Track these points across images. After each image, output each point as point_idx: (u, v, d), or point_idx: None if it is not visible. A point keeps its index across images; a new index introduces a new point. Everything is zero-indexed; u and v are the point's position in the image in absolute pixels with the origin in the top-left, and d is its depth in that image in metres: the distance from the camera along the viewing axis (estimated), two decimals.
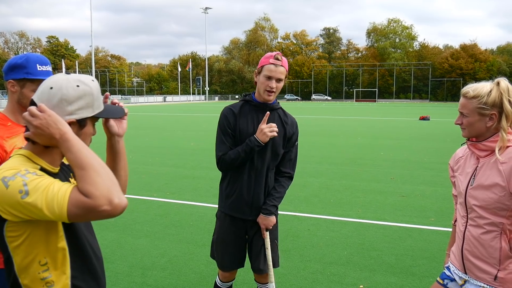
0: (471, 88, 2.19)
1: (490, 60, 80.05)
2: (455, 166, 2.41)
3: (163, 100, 78.77)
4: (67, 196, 1.38)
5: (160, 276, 4.54)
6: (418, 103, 73.35)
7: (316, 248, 5.31)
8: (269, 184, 3.07)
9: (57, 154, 1.60)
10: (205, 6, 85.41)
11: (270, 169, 3.06)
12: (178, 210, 7.01)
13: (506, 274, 2.14)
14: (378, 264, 4.80)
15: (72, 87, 1.53)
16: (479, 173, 2.19)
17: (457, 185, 2.34)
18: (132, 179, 9.47)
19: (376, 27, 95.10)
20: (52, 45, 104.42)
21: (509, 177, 2.06)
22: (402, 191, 8.27)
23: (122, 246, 5.39)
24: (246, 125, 2.98)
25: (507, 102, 2.11)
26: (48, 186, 1.39)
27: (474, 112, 2.16)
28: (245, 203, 3.04)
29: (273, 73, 2.84)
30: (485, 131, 2.17)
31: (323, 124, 25.91)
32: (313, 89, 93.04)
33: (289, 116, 3.12)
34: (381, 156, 12.66)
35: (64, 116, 1.53)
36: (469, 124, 2.19)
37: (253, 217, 3.06)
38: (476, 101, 2.14)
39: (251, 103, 3.03)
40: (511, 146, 2.12)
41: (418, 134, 19.67)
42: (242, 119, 3.00)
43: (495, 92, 2.12)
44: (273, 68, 2.84)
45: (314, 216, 6.67)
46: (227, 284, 3.31)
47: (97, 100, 1.61)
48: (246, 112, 3.02)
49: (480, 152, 2.21)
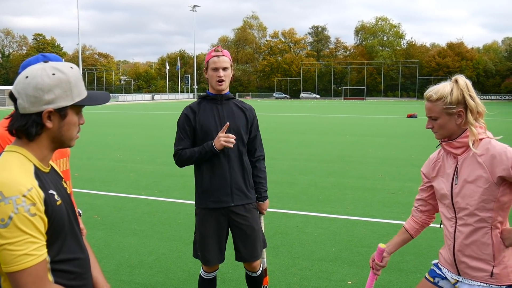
0: (433, 91, 2.21)
1: (476, 59, 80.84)
2: (433, 170, 2.40)
3: (151, 98, 78.44)
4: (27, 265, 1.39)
5: (147, 274, 4.51)
6: (405, 101, 73.80)
7: (305, 245, 5.32)
8: (245, 167, 3.22)
9: (46, 149, 1.57)
10: (193, 4, 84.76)
11: (243, 153, 3.22)
12: (166, 208, 6.97)
13: (501, 269, 2.14)
14: (366, 260, 4.81)
15: (47, 75, 1.50)
16: (461, 170, 2.20)
17: (439, 187, 2.32)
18: (120, 177, 9.42)
19: (364, 25, 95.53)
20: (38, 43, 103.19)
21: (490, 167, 2.08)
22: (390, 188, 8.31)
23: (109, 245, 5.35)
24: (207, 119, 3.14)
25: (468, 97, 2.14)
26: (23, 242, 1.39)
27: (442, 113, 2.18)
28: (225, 191, 3.14)
29: (217, 63, 3.06)
30: (457, 129, 2.19)
31: (311, 122, 25.96)
32: (301, 87, 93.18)
33: (245, 103, 3.32)
34: (369, 154, 12.72)
35: (42, 106, 1.49)
36: (440, 127, 2.22)
37: (236, 203, 3.16)
38: (441, 102, 2.17)
39: (207, 98, 3.21)
40: (484, 138, 2.15)
41: (406, 131, 19.80)
42: (202, 114, 3.16)
43: (456, 90, 2.15)
44: (216, 60, 3.07)
45: (303, 213, 6.67)
46: (212, 275, 3.36)
47: (76, 87, 1.56)
48: (204, 107, 3.18)
49: (456, 150, 2.22)
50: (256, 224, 3.24)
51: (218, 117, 3.13)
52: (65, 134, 1.59)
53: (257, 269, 3.37)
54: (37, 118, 1.50)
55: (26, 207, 1.39)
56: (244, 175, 3.20)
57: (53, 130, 1.55)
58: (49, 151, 1.59)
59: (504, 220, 2.17)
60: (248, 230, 3.19)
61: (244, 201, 3.19)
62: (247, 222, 3.19)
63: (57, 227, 1.52)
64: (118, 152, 13.17)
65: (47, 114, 1.51)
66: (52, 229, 1.49)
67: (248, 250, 3.21)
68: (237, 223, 3.19)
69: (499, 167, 2.06)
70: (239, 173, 3.17)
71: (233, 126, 3.12)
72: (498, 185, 2.09)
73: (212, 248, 3.19)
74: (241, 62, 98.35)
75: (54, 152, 1.64)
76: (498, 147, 2.10)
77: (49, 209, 1.47)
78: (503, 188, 2.10)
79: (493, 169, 2.08)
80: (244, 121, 3.20)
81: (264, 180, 3.35)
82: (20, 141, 1.54)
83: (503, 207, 2.13)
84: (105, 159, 11.81)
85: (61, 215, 1.54)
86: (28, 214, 1.40)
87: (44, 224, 1.46)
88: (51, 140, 1.57)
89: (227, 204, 3.15)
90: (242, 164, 3.19)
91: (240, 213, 3.18)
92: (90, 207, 7.00)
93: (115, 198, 7.69)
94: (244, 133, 3.19)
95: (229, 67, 3.11)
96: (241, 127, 3.16)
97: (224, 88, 3.13)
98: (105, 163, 11.16)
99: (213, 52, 3.10)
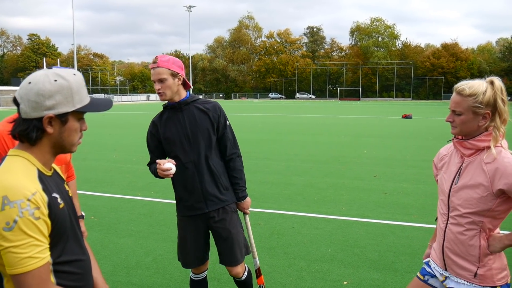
0: (467, 86, 2.14)
1: (470, 59, 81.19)
2: (439, 164, 2.42)
3: (146, 98, 78.33)
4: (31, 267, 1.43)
5: (145, 275, 4.53)
6: (400, 102, 74.05)
7: (301, 245, 5.36)
8: (215, 170, 3.12)
9: (48, 154, 1.61)
10: (188, 5, 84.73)
11: (210, 156, 3.12)
12: (162, 209, 7.00)
13: (485, 271, 2.18)
14: (361, 261, 4.86)
15: (48, 81, 1.53)
16: (463, 172, 2.20)
17: (441, 183, 2.35)
18: (116, 178, 9.43)
19: (359, 26, 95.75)
20: (33, 43, 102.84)
21: (492, 178, 2.07)
22: (385, 188, 8.37)
23: (106, 246, 5.37)
24: (169, 130, 3.11)
25: (500, 101, 2.10)
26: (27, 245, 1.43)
27: (469, 110, 2.12)
28: (197, 198, 3.12)
29: (153, 76, 2.99)
30: (476, 130, 2.15)
31: (307, 122, 26.02)
32: (297, 87, 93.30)
33: (209, 102, 3.18)
34: (364, 154, 12.78)
35: (43, 111, 1.52)
36: (461, 123, 2.16)
37: (210, 208, 3.13)
38: (472, 99, 2.11)
39: (167, 107, 3.15)
40: (497, 147, 2.12)
41: (401, 132, 19.89)
42: (164, 127, 3.13)
43: (490, 91, 2.10)
44: (152, 72, 2.99)
45: (299, 214, 6.72)
46: (200, 276, 3.40)
47: (77, 94, 1.59)
48: (167, 118, 3.14)
49: (465, 150, 2.20)
50: (234, 227, 3.19)
51: (180, 125, 3.08)
52: (66, 140, 1.62)
53: (240, 275, 3.30)
54: (37, 123, 1.54)
55: (30, 211, 1.43)
56: (214, 179, 3.13)
57: (54, 136, 1.59)
58: (50, 155, 1.63)
59: (494, 227, 2.20)
60: (224, 233, 3.17)
61: (219, 205, 3.15)
62: (223, 225, 3.17)
63: (59, 230, 1.56)
64: (114, 153, 13.18)
65: (47, 120, 1.54)
66: (55, 231, 1.53)
67: (227, 254, 3.21)
68: (214, 227, 3.19)
69: (501, 180, 2.05)
70: (208, 178, 3.11)
71: (198, 130, 3.07)
72: (496, 196, 2.09)
73: (191, 251, 3.23)
74: (237, 63, 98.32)
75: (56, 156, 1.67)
76: (506, 159, 2.07)
77: (52, 212, 1.51)
78: (500, 200, 2.10)
79: (495, 181, 2.07)
80: (208, 122, 3.09)
81: (241, 180, 3.23)
82: (23, 145, 1.58)
83: (496, 217, 2.15)
84: (101, 160, 11.82)
85: (63, 218, 1.57)
86: (33, 217, 1.43)
87: (48, 227, 1.49)
88: (52, 145, 1.61)
89: (202, 211, 3.14)
90: (210, 168, 3.11)
91: (216, 217, 3.17)
92: (87, 208, 7.00)
93: (112, 199, 7.71)
94: (211, 135, 3.10)
95: (165, 77, 2.95)
96: (206, 130, 3.08)
97: (164, 98, 3.02)
98: (101, 164, 11.17)
99: (151, 64, 3.02)
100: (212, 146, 3.13)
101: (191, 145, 3.07)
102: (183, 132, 3.07)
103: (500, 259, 2.22)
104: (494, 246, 2.16)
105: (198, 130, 3.06)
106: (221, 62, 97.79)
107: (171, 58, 2.99)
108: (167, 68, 2.95)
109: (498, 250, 2.17)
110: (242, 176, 3.25)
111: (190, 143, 3.07)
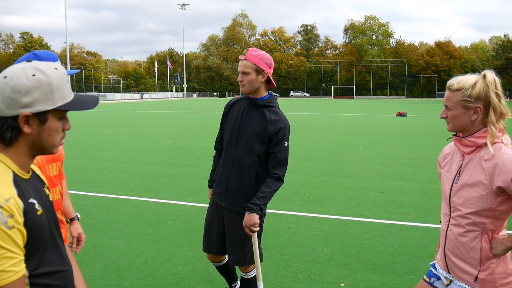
0: (456, 81, 2.12)
1: (464, 57, 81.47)
2: (443, 162, 2.34)
3: (140, 97, 77.93)
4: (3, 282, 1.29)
5: (136, 278, 4.40)
6: (395, 100, 74.18)
7: (297, 246, 5.24)
8: (248, 177, 3.10)
9: (25, 155, 1.45)
10: (182, 3, 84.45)
11: (251, 162, 3.08)
12: (155, 209, 6.86)
13: (486, 275, 2.07)
14: (358, 262, 4.75)
15: (26, 76, 1.38)
16: (464, 171, 2.12)
17: (443, 182, 2.27)
18: (108, 177, 9.27)
19: (353, 24, 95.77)
20: (25, 41, 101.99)
21: (492, 175, 1.99)
22: (381, 187, 8.27)
23: (96, 247, 5.22)
24: (231, 117, 3.22)
25: (493, 95, 2.03)
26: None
27: (458, 105, 2.08)
28: (221, 189, 3.19)
29: (239, 67, 3.07)
30: (470, 125, 2.09)
31: (301, 120, 25.91)
32: (291, 85, 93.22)
33: (278, 115, 3.11)
34: (359, 153, 12.69)
35: (18, 109, 1.37)
36: (453, 118, 2.12)
37: (226, 205, 3.17)
38: (460, 93, 2.07)
39: (246, 98, 3.21)
40: (496, 142, 2.04)
41: (396, 130, 19.83)
42: (229, 110, 3.27)
43: (480, 85, 2.04)
44: (240, 63, 3.08)
45: (294, 213, 6.60)
46: (216, 264, 3.57)
47: (58, 90, 1.44)
48: (237, 104, 3.26)
49: (464, 148, 2.13)
50: (254, 239, 3.12)
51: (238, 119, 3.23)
52: (45, 141, 1.46)
53: (248, 269, 3.33)
54: (13, 122, 1.38)
55: (3, 220, 1.28)
56: (244, 183, 3.12)
57: (31, 136, 1.43)
58: (28, 157, 1.47)
59: (496, 229, 2.09)
60: (230, 231, 3.20)
61: (236, 208, 3.14)
62: (232, 225, 3.18)
63: (37, 239, 1.41)
64: (107, 152, 13.00)
65: (24, 118, 1.39)
66: (31, 241, 1.38)
67: (232, 253, 3.26)
68: (226, 224, 3.23)
69: (500, 177, 1.97)
70: (240, 181, 3.12)
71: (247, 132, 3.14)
72: (496, 195, 2.00)
73: (206, 234, 3.38)
74: (231, 61, 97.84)
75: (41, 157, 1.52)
76: (506, 155, 1.99)
77: (28, 220, 1.36)
78: (501, 199, 2.01)
79: (494, 178, 1.99)
80: (261, 130, 3.13)
81: (262, 194, 3.06)
82: None
83: (498, 217, 2.05)
84: (93, 159, 11.64)
85: (41, 226, 1.43)
86: (5, 227, 1.29)
87: (23, 237, 1.35)
88: (30, 146, 1.45)
89: (221, 202, 3.21)
90: (244, 172, 3.11)
91: (230, 217, 3.18)
92: (78, 209, 6.79)
93: (103, 199, 7.55)
94: (257, 143, 3.11)
95: (249, 71, 3.04)
96: (254, 135, 3.13)
97: (244, 91, 3.14)
98: (93, 163, 10.99)
99: (241, 55, 3.10)
100: (255, 154, 3.08)
101: (237, 141, 3.11)
102: (236, 126, 3.13)
103: (505, 263, 2.11)
104: (497, 249, 2.06)
105: (249, 131, 3.07)
106: (215, 61, 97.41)
107: (262, 54, 3.03)
108: (253, 63, 2.99)
109: (501, 253, 2.06)
110: (267, 194, 3.08)
111: (237, 139, 3.11)
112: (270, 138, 3.05)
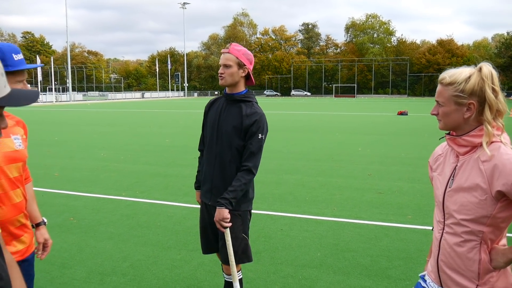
0: (448, 74, 1.88)
1: (466, 55, 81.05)
2: (434, 165, 2.11)
3: (141, 96, 77.85)
4: None
5: (119, 282, 4.21)
6: (396, 98, 73.90)
7: (289, 249, 5.04)
8: (229, 172, 3.11)
9: None
10: (183, 1, 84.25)
11: (230, 157, 3.10)
12: (146, 210, 6.67)
13: None
14: (352, 266, 4.55)
15: None
16: (458, 173, 1.89)
17: (435, 186, 2.04)
18: (101, 177, 9.09)
19: (354, 23, 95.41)
20: (27, 41, 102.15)
21: (490, 178, 1.76)
22: (379, 187, 8.07)
23: (82, 250, 5.05)
24: (210, 115, 3.24)
25: (489, 90, 1.80)
26: None
27: (450, 100, 1.85)
28: (207, 188, 3.22)
29: (221, 60, 3.09)
30: (463, 123, 1.86)
31: (301, 119, 25.72)
32: (292, 84, 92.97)
33: (254, 109, 3.10)
34: (358, 152, 12.49)
35: None
36: (444, 115, 1.89)
37: (212, 202, 3.16)
38: (452, 88, 1.84)
39: (224, 95, 3.23)
40: (495, 141, 1.82)
41: (396, 129, 19.62)
42: (209, 109, 3.30)
43: (475, 79, 1.81)
44: (221, 56, 3.10)
45: (288, 215, 6.41)
46: None
47: None
48: (216, 102, 3.28)
49: (459, 148, 1.90)
50: (227, 235, 3.04)
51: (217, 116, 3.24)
52: None
53: (227, 273, 3.36)
54: None
55: None
56: (226, 179, 3.12)
57: None
58: None
59: (496, 238, 1.86)
60: (217, 229, 3.15)
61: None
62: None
63: None
64: (103, 151, 12.83)
65: None
66: None
67: (221, 250, 3.24)
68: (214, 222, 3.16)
69: (500, 180, 1.74)
70: (220, 175, 3.14)
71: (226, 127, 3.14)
72: (496, 200, 1.77)
73: (203, 236, 3.39)
74: None
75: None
76: (505, 156, 1.76)
77: None
78: (501, 204, 1.78)
79: (493, 181, 1.76)
80: (238, 124, 3.12)
81: (232, 188, 3.00)
82: None
83: (499, 225, 1.83)
84: (88, 159, 11.46)
85: None
86: None
87: None
88: None
89: (207, 201, 3.23)
90: (225, 167, 3.12)
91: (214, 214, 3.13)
92: (67, 209, 6.69)
93: (94, 199, 7.37)
94: (235, 137, 3.10)
95: (230, 64, 3.05)
96: (232, 130, 3.13)
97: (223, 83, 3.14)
98: (88, 163, 10.81)
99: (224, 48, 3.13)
100: (234, 148, 3.09)
101: (218, 138, 3.13)
102: (216, 123, 3.15)
103: (506, 276, 1.88)
104: (497, 261, 1.83)
105: (227, 127, 3.09)
106: (216, 59, 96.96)
107: (244, 50, 3.07)
108: (236, 57, 3.02)
109: (502, 265, 1.83)
110: (237, 188, 3.01)
111: (217, 135, 3.13)
112: (246, 131, 3.06)
